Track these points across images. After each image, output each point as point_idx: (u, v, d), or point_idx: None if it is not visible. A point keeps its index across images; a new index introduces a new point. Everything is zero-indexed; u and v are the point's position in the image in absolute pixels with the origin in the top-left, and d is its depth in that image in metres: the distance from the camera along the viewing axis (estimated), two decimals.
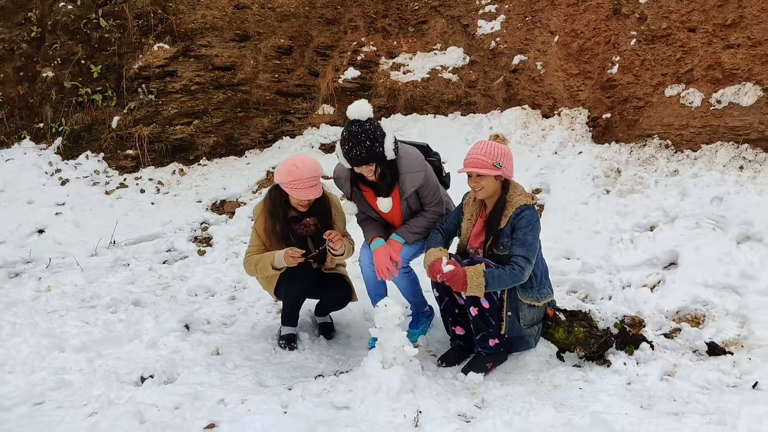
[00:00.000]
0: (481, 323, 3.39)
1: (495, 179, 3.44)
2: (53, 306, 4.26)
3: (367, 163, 3.44)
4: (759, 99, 5.17)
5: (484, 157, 3.39)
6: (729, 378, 3.30)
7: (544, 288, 3.55)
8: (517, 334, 3.46)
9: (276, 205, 3.68)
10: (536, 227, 3.44)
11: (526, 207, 3.44)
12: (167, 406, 2.92)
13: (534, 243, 3.41)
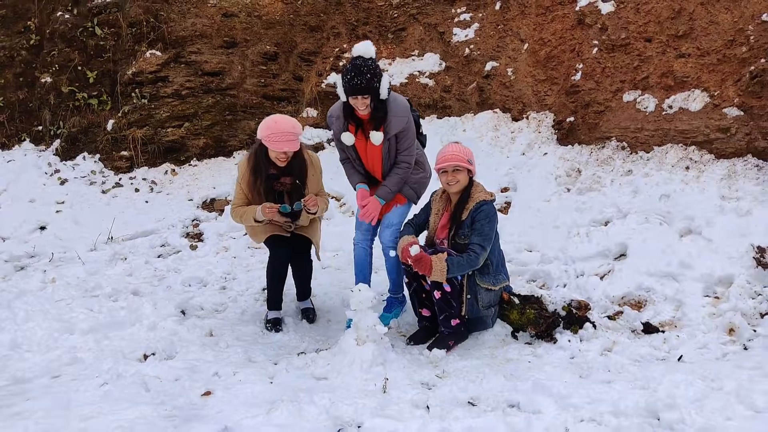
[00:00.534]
0: (444, 305, 3.83)
1: (467, 174, 3.92)
2: (60, 295, 4.64)
3: (363, 94, 3.78)
4: (706, 105, 5.63)
5: (460, 154, 3.89)
6: (659, 353, 3.78)
7: (500, 275, 3.97)
8: (476, 315, 3.90)
9: (258, 161, 4.04)
10: (493, 220, 3.87)
11: (485, 202, 3.88)
12: (168, 377, 3.35)
13: (489, 234, 3.82)
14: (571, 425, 2.92)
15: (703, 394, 3.17)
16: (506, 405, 3.12)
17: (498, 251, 4.03)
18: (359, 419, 2.95)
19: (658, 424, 2.90)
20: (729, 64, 5.62)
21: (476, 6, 7.63)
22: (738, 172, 5.17)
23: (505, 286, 4.06)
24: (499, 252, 4.07)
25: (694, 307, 4.17)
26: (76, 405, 3.01)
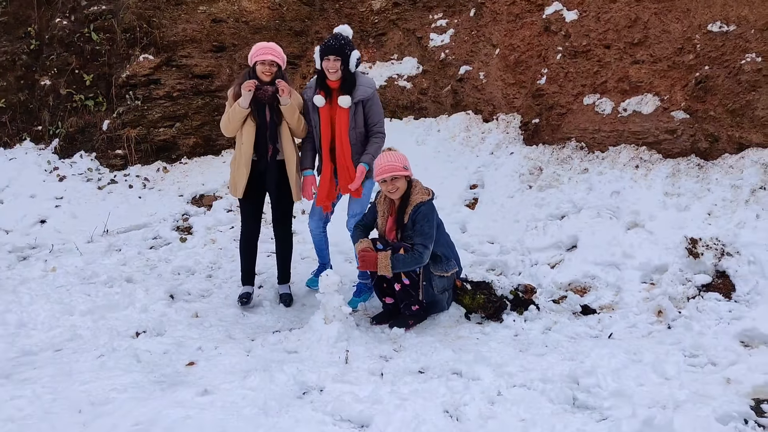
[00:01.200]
0: (403, 295, 4.30)
1: (405, 180, 4.28)
2: (60, 282, 5.09)
3: (335, 54, 4.38)
4: (656, 108, 6.09)
5: (396, 163, 4.23)
6: (593, 331, 4.26)
7: (450, 261, 4.42)
8: (431, 299, 4.36)
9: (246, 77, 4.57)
10: (431, 219, 4.23)
11: (422, 203, 4.24)
12: (158, 351, 3.83)
13: (430, 232, 4.19)
14: (504, 389, 3.40)
15: (623, 365, 3.66)
16: (450, 373, 3.59)
17: (445, 242, 4.47)
18: (322, 384, 3.43)
19: (577, 388, 3.38)
20: (678, 70, 6.07)
21: (452, 12, 8.03)
22: (681, 171, 5.63)
23: (457, 271, 4.48)
24: (447, 242, 4.49)
25: (631, 293, 4.65)
26: (77, 372, 3.49)
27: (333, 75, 4.46)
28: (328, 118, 4.59)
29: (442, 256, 4.34)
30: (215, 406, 3.15)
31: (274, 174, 4.69)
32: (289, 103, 4.59)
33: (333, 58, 4.39)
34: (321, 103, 4.56)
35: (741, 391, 3.37)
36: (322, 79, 4.55)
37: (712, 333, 4.01)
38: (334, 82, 4.51)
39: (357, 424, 3.06)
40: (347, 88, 4.50)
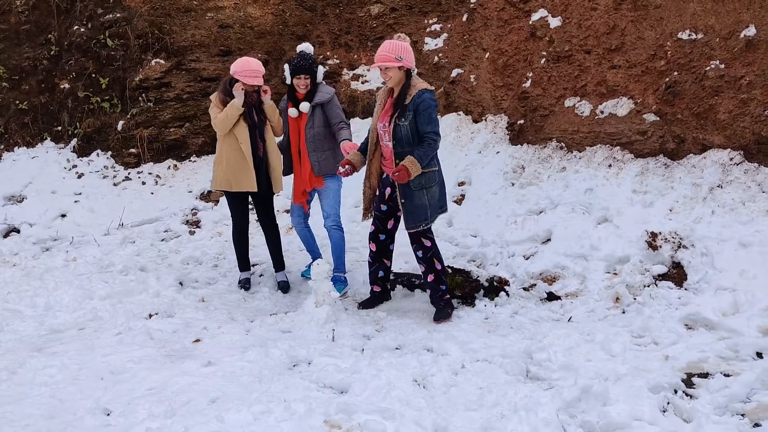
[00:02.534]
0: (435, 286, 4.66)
1: (399, 70, 4.36)
2: (80, 271, 5.65)
3: (305, 73, 5.03)
4: (630, 110, 6.50)
5: (388, 53, 4.33)
6: (555, 315, 4.76)
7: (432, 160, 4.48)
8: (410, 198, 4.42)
9: (227, 89, 5.16)
10: (435, 107, 4.34)
11: (426, 90, 4.33)
12: (168, 330, 4.38)
13: (437, 119, 4.34)
14: (468, 363, 3.90)
15: (576, 344, 4.15)
16: (423, 349, 4.11)
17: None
18: (310, 358, 3.96)
19: (531, 362, 3.88)
20: (650, 75, 6.48)
21: (446, 17, 8.44)
22: (650, 170, 6.07)
23: (434, 172, 4.53)
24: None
25: (594, 281, 5.12)
26: (99, 347, 4.05)
27: (303, 90, 5.14)
28: (295, 124, 5.24)
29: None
30: (217, 375, 3.69)
31: (265, 169, 5.27)
32: (271, 103, 5.25)
33: (303, 77, 5.08)
34: (295, 114, 5.22)
35: (676, 366, 3.84)
36: (292, 92, 5.22)
37: (660, 317, 4.49)
38: (302, 94, 5.17)
39: (338, 390, 3.58)
40: (309, 98, 5.16)
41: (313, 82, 5.13)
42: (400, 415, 3.26)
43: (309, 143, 5.18)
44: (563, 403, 3.39)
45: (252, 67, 5.13)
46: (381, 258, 4.91)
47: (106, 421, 3.23)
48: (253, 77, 5.10)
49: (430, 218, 4.60)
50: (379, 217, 4.83)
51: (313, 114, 5.15)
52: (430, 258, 4.67)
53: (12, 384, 3.64)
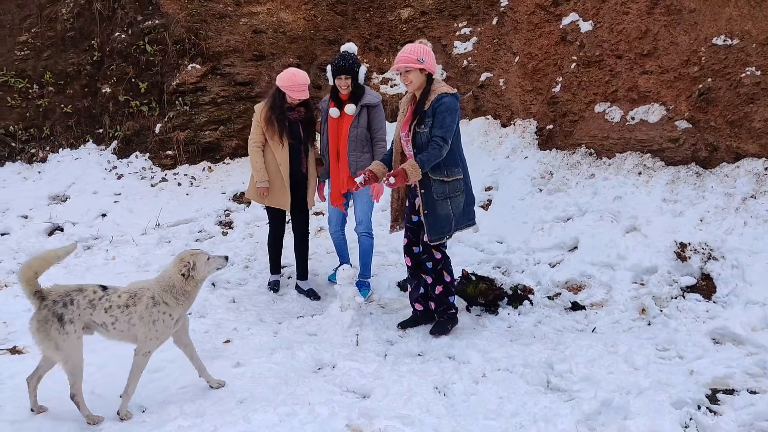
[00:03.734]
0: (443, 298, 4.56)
1: (420, 73, 4.22)
2: (119, 270, 5.87)
3: (346, 74, 5.04)
4: (662, 117, 6.46)
5: (409, 55, 4.19)
6: (579, 325, 4.77)
7: (456, 168, 4.33)
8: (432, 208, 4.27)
9: (276, 101, 5.23)
10: (453, 112, 4.13)
11: (446, 95, 4.17)
12: (200, 330, 4.54)
13: (450, 125, 4.11)
14: (489, 371, 3.97)
15: (598, 355, 4.18)
16: (444, 356, 4.18)
17: (457, 147, 4.36)
18: (335, 362, 4.08)
19: (552, 372, 3.93)
20: (683, 81, 6.42)
21: (476, 21, 8.44)
22: (681, 178, 6.02)
23: (459, 179, 4.37)
24: (458, 148, 4.39)
25: (621, 291, 5.11)
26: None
27: (345, 90, 5.16)
28: (336, 125, 5.26)
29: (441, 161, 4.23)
30: (245, 376, 3.84)
31: (304, 185, 5.40)
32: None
33: (344, 77, 5.09)
34: (336, 115, 5.24)
35: (701, 381, 3.84)
36: (335, 92, 5.24)
37: (686, 330, 4.48)
38: (345, 95, 5.18)
39: (360, 394, 3.69)
40: (354, 99, 5.20)
41: (354, 83, 5.15)
42: (420, 422, 3.35)
43: (350, 142, 5.21)
44: (583, 416, 3.44)
45: (299, 82, 5.16)
46: (419, 273, 4.68)
47: (141, 418, 3.41)
48: (299, 91, 5.17)
49: (454, 229, 4.45)
50: (410, 228, 4.65)
51: (359, 114, 5.20)
52: (440, 270, 4.57)
53: (54, 380, 3.82)
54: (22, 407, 3.52)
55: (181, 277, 3.53)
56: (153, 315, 3.47)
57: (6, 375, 3.94)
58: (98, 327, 3.47)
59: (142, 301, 3.47)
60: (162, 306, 3.50)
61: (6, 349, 4.34)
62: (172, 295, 3.52)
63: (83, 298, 3.40)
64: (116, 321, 3.44)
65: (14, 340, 4.50)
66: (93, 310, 3.40)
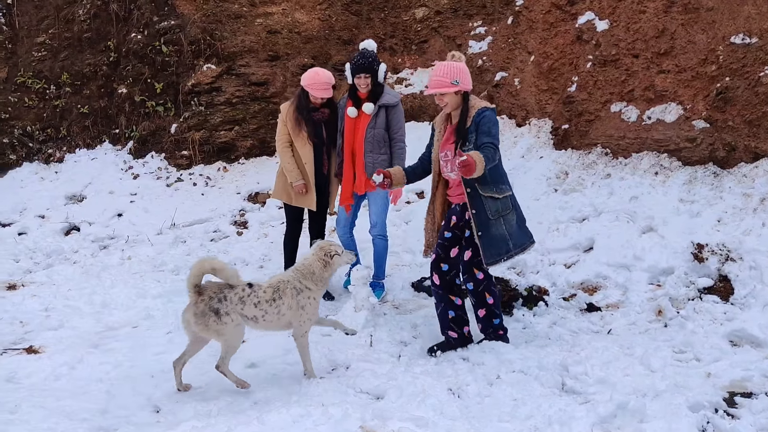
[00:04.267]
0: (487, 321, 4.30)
1: (455, 94, 4.03)
2: (135, 269, 5.93)
3: (366, 72, 4.98)
4: (679, 117, 6.39)
5: (444, 77, 3.97)
6: (594, 327, 4.73)
7: (503, 185, 4.17)
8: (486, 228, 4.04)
9: (301, 100, 5.23)
10: (497, 124, 4.01)
11: (486, 109, 4.02)
12: None
13: (497, 134, 3.96)
14: (503, 373, 3.94)
15: (614, 357, 4.13)
16: (459, 358, 4.17)
17: (501, 163, 4.18)
18: (348, 362, 4.08)
19: (567, 374, 3.89)
20: (701, 80, 6.34)
21: (491, 20, 8.40)
22: (698, 178, 5.95)
23: (508, 195, 4.18)
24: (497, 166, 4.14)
25: (637, 293, 5.06)
26: (151, 345, 4.28)
27: (364, 89, 5.10)
28: (352, 124, 5.21)
29: (489, 177, 4.03)
30: (260, 377, 3.86)
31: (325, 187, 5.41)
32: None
33: (364, 76, 5.03)
34: (354, 114, 5.20)
35: (718, 384, 3.77)
36: (353, 91, 5.20)
37: (703, 332, 4.41)
38: (364, 94, 5.14)
39: (374, 395, 3.69)
40: (373, 98, 5.13)
41: (373, 82, 5.09)
42: (434, 424, 3.34)
43: (367, 143, 5.13)
44: (598, 419, 3.40)
45: (322, 80, 5.16)
46: (447, 295, 4.31)
47: (156, 418, 3.43)
48: (322, 89, 5.17)
49: (513, 250, 4.17)
50: (441, 244, 4.35)
51: (377, 114, 5.16)
52: (482, 292, 4.26)
53: (71, 379, 3.89)
54: (38, 406, 3.56)
55: (320, 264, 3.94)
56: (300, 302, 3.86)
57: (22, 374, 4.00)
58: (248, 320, 3.81)
59: (286, 293, 3.85)
60: (306, 292, 3.90)
61: (23, 349, 4.41)
62: (313, 281, 3.93)
63: (234, 294, 3.78)
64: (266, 314, 3.81)
65: (31, 339, 4.57)
66: (243, 306, 3.76)
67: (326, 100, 5.29)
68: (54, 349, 4.35)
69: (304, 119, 5.21)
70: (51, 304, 5.16)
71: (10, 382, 3.92)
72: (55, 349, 4.35)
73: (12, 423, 3.37)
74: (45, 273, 5.92)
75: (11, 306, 5.14)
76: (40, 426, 3.36)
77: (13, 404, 3.56)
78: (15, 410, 3.51)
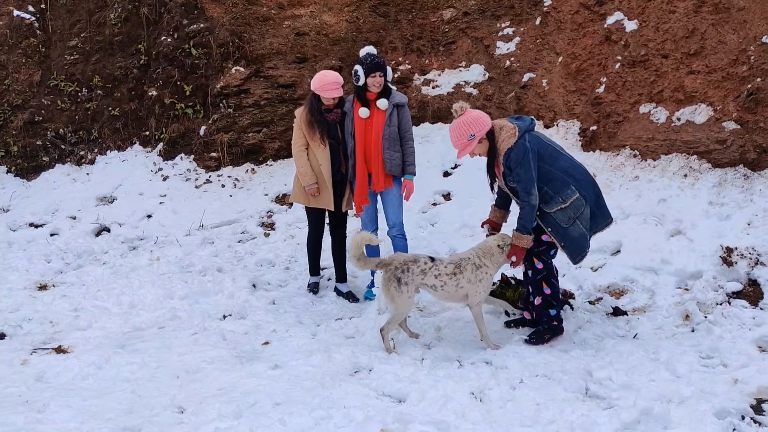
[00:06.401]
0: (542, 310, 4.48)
1: (479, 143, 4.29)
2: (163, 270, 6.01)
3: (381, 70, 5.13)
4: (709, 118, 6.29)
5: (460, 139, 4.26)
6: (620, 331, 4.68)
7: (563, 192, 4.27)
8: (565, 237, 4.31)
9: (313, 104, 5.31)
10: (523, 162, 4.16)
11: (510, 150, 4.20)
12: (240, 331, 4.64)
13: (526, 175, 4.16)
14: (527, 378, 3.93)
15: (639, 362, 4.11)
16: (482, 362, 4.16)
17: (549, 175, 4.29)
18: (371, 365, 4.11)
19: (591, 379, 3.87)
20: (731, 81, 6.24)
21: (519, 21, 8.32)
22: (728, 181, 5.85)
23: (576, 198, 4.29)
24: (552, 175, 4.29)
25: (664, 297, 5.02)
26: (176, 346, 4.36)
27: (377, 88, 5.20)
28: (363, 126, 5.28)
29: (550, 191, 4.27)
30: (283, 378, 3.90)
31: (343, 186, 5.44)
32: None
33: (379, 74, 5.14)
34: (366, 115, 5.26)
35: (745, 390, 3.73)
36: (361, 92, 5.27)
37: (731, 337, 4.35)
38: (374, 94, 5.23)
39: (396, 398, 3.71)
40: (385, 96, 5.26)
41: (385, 81, 5.22)
42: (455, 428, 3.36)
43: (385, 140, 5.23)
44: (621, 425, 3.39)
45: (330, 80, 5.27)
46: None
47: (180, 419, 3.49)
48: (332, 90, 5.26)
49: (590, 239, 4.49)
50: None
51: (391, 113, 5.27)
52: (540, 281, 4.50)
53: (98, 379, 3.98)
54: (65, 406, 3.63)
55: (498, 248, 4.44)
56: (478, 276, 4.41)
57: (51, 374, 4.08)
58: (428, 288, 4.45)
59: (467, 269, 4.40)
60: (484, 268, 4.43)
61: (52, 349, 4.50)
62: (491, 260, 4.45)
63: (417, 267, 4.38)
64: (445, 285, 4.38)
65: (60, 339, 4.66)
66: (424, 276, 4.37)
67: (338, 101, 5.36)
68: (82, 349, 4.44)
69: (318, 121, 5.29)
70: (80, 304, 5.27)
71: (40, 381, 4.02)
72: (83, 349, 4.44)
73: (40, 422, 3.45)
74: (75, 273, 6.04)
75: (42, 306, 5.26)
76: (67, 426, 3.43)
77: (42, 403, 3.64)
78: (43, 409, 3.59)
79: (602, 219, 4.57)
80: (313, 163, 5.36)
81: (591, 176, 4.57)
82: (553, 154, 4.36)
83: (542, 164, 4.28)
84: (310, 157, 5.37)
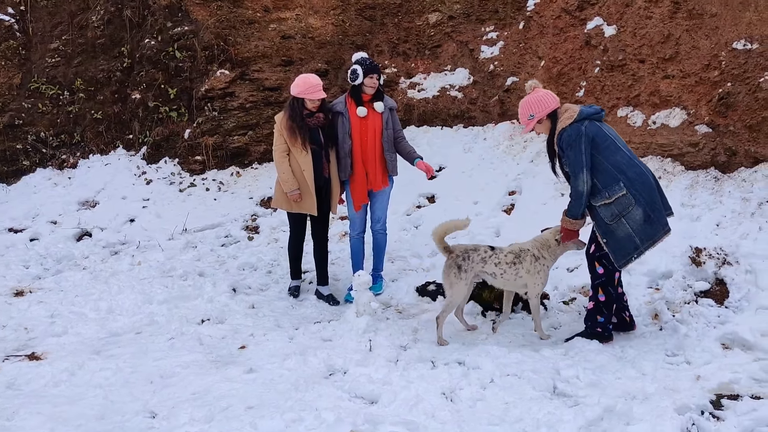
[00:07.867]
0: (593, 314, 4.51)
1: (540, 123, 4.42)
2: (143, 275, 6.02)
3: (377, 72, 5.35)
4: (683, 122, 6.40)
5: (522, 117, 4.48)
6: None
7: (611, 187, 4.23)
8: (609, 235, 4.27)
9: (295, 109, 5.35)
10: (574, 145, 4.17)
11: (563, 130, 4.26)
12: (217, 335, 4.70)
13: (576, 158, 4.17)
14: (498, 377, 4.01)
15: (607, 361, 4.21)
16: (455, 362, 4.24)
17: (600, 167, 4.26)
18: (346, 367, 4.18)
19: (559, 378, 3.97)
20: (704, 85, 6.35)
21: (503, 25, 8.36)
22: (699, 183, 5.96)
23: (623, 196, 4.22)
24: (603, 167, 4.26)
25: (635, 297, 5.10)
26: (152, 351, 4.43)
27: (372, 90, 5.35)
28: (359, 125, 5.38)
29: (599, 183, 4.26)
30: (257, 382, 3.97)
31: (326, 190, 5.51)
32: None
33: (375, 76, 5.33)
34: (364, 113, 5.39)
35: (706, 387, 3.84)
36: (356, 94, 5.39)
37: (696, 335, 4.46)
38: (368, 96, 5.36)
39: (368, 400, 3.78)
40: (378, 98, 5.43)
41: (379, 84, 5.41)
42: (424, 428, 3.44)
43: (385, 143, 5.44)
44: (585, 422, 3.48)
45: (314, 83, 5.34)
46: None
47: (151, 424, 3.52)
48: (316, 92, 5.33)
49: (642, 246, 4.28)
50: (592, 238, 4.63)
51: (387, 116, 5.46)
52: (596, 287, 4.49)
53: (70, 385, 3.99)
54: (35, 413, 3.62)
55: (555, 242, 4.65)
56: (536, 267, 4.64)
57: (22, 381, 4.06)
58: (487, 275, 4.69)
59: (526, 259, 4.64)
60: (542, 260, 4.66)
61: (25, 356, 4.46)
62: (548, 252, 4.67)
63: (477, 255, 4.66)
64: (504, 273, 4.63)
65: (34, 346, 4.63)
66: (484, 264, 4.64)
67: (319, 106, 5.40)
68: (56, 355, 4.41)
69: (300, 127, 5.32)
70: (57, 310, 5.25)
71: (10, 388, 3.98)
72: (57, 355, 4.42)
73: (8, 430, 3.42)
74: (54, 279, 6.01)
75: (17, 312, 5.23)
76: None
77: (11, 411, 3.61)
78: (12, 417, 3.56)
79: (660, 226, 4.33)
80: (295, 169, 5.39)
81: (650, 179, 4.38)
82: (610, 147, 4.30)
83: (596, 154, 4.26)
84: (292, 162, 5.40)
